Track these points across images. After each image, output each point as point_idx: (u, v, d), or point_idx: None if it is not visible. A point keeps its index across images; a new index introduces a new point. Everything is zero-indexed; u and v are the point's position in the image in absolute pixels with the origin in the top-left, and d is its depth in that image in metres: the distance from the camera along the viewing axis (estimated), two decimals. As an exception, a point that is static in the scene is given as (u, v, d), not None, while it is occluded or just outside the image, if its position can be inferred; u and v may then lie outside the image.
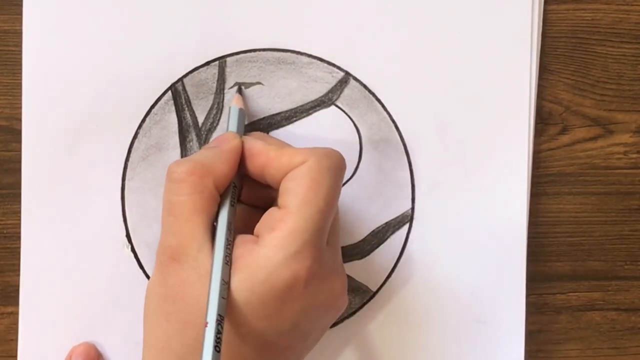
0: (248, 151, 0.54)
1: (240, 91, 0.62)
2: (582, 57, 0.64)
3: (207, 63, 0.62)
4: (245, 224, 0.55)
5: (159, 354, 0.52)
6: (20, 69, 0.61)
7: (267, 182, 0.54)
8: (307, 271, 0.50)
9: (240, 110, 0.59)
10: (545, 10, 0.64)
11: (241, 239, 0.52)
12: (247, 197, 0.57)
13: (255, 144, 0.54)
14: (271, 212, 0.52)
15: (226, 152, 0.54)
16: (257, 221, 0.53)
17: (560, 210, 0.65)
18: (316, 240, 0.50)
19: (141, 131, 0.62)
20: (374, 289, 0.63)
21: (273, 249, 0.49)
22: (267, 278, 0.49)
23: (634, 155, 0.65)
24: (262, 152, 0.54)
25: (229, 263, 0.50)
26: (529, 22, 0.63)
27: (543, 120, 0.64)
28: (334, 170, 0.52)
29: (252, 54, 0.62)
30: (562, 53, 0.64)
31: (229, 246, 0.50)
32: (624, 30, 0.64)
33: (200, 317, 0.49)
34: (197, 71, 0.62)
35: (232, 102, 0.60)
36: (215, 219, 0.53)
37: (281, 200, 0.52)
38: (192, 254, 0.50)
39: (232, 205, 0.53)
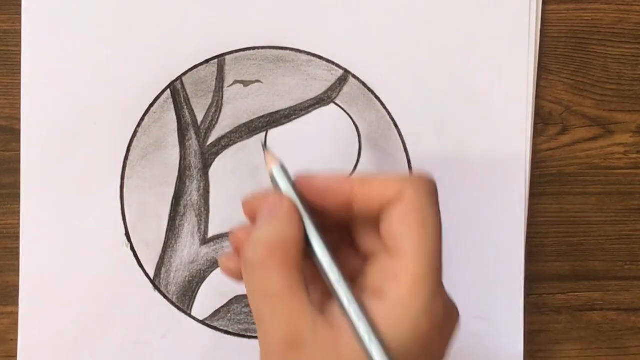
0: (324, 191, 0.49)
1: (265, 146, 0.61)
2: (582, 57, 0.64)
3: (206, 61, 0.62)
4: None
5: None
6: (20, 69, 0.61)
7: (354, 216, 0.49)
8: (443, 313, 0.47)
9: (281, 167, 0.51)
10: (545, 10, 0.64)
11: (362, 297, 0.47)
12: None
13: (331, 181, 0.49)
14: (383, 262, 0.48)
15: (286, 216, 0.48)
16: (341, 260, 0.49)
17: (560, 210, 0.65)
18: (439, 277, 0.47)
19: (140, 130, 0.62)
20: (374, 288, 0.63)
21: (405, 301, 0.46)
22: (409, 333, 0.46)
23: (634, 155, 0.65)
24: (343, 187, 0.48)
25: (374, 330, 0.45)
26: (526, 21, 0.63)
27: (543, 120, 0.64)
28: (433, 196, 0.49)
29: (251, 51, 0.62)
30: (562, 53, 0.64)
31: (362, 311, 0.46)
32: (624, 30, 0.65)
33: None
34: (196, 69, 0.62)
35: (268, 164, 0.52)
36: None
37: (389, 243, 0.47)
38: (309, 334, 0.45)
39: (341, 275, 0.47)
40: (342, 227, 0.50)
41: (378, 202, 0.47)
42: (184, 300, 0.62)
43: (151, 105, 0.62)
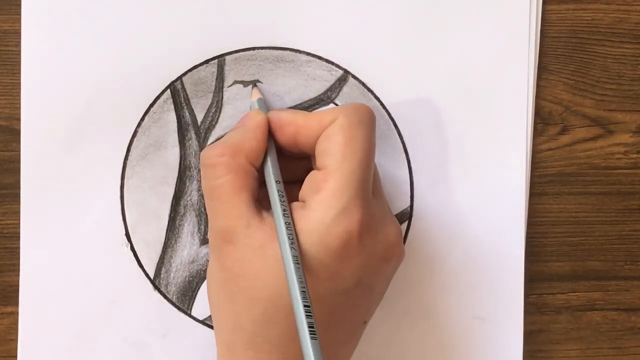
0: (277, 124, 0.55)
1: (254, 85, 0.62)
2: (582, 57, 0.64)
3: (206, 61, 0.62)
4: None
5: (231, 334, 0.52)
6: (20, 69, 0.61)
7: (302, 149, 0.54)
8: (359, 224, 0.50)
9: (261, 99, 0.60)
10: (545, 10, 0.64)
11: (290, 207, 0.52)
12: (283, 174, 0.56)
13: (281, 115, 0.55)
14: (312, 176, 0.52)
15: (252, 128, 0.54)
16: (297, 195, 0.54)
17: (560, 210, 0.65)
18: (361, 193, 0.51)
19: (140, 130, 0.62)
20: (373, 288, 0.63)
21: (321, 209, 0.50)
22: (321, 239, 0.50)
23: (634, 155, 0.65)
24: (290, 122, 0.54)
25: (291, 232, 0.50)
26: (526, 21, 0.63)
27: (543, 120, 0.64)
28: (365, 122, 0.52)
29: (251, 52, 0.62)
30: (562, 53, 0.64)
31: (286, 214, 0.51)
32: (624, 30, 0.64)
33: (263, 291, 0.50)
34: (196, 69, 0.62)
35: (251, 97, 0.61)
36: (258, 194, 0.53)
37: (319, 162, 0.52)
38: (241, 232, 0.51)
39: (277, 182, 0.53)
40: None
41: (316, 131, 0.52)
42: (184, 300, 0.62)
43: (151, 105, 0.62)
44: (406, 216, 0.62)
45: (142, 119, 0.62)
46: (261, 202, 0.53)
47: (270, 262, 0.50)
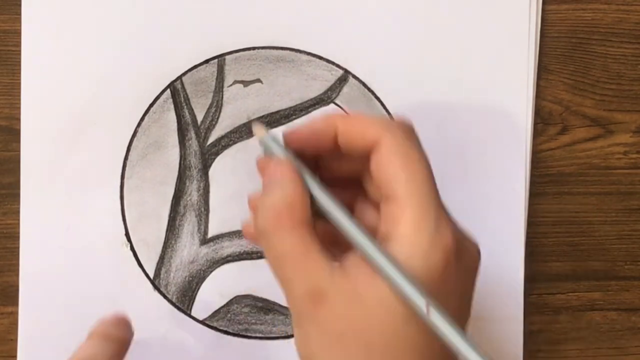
0: (312, 134, 0.50)
1: (253, 121, 0.61)
2: (582, 57, 0.64)
3: (206, 61, 0.62)
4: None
5: None
6: (20, 69, 0.61)
7: (348, 151, 0.50)
8: (452, 242, 0.47)
9: (268, 137, 0.50)
10: (545, 10, 0.64)
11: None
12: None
13: (315, 124, 0.50)
14: (384, 208, 0.48)
15: (287, 179, 0.48)
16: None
17: (560, 210, 0.65)
18: (442, 211, 0.48)
19: (140, 130, 0.62)
20: (373, 288, 0.62)
21: (412, 240, 0.46)
22: (422, 270, 0.46)
23: (634, 155, 0.65)
24: (328, 125, 0.49)
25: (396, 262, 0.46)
26: (526, 21, 0.63)
27: (543, 120, 0.64)
28: (413, 139, 0.49)
29: (252, 51, 0.62)
30: (562, 53, 0.64)
31: (383, 251, 0.46)
32: (624, 30, 0.65)
33: (380, 336, 0.46)
34: (196, 69, 0.62)
35: (257, 133, 0.51)
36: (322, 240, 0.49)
37: (384, 192, 0.48)
38: (329, 286, 0.46)
39: (344, 210, 0.48)
40: (354, 183, 0.51)
41: (360, 143, 0.48)
42: (183, 300, 0.62)
43: (151, 105, 0.62)
44: (406, 216, 0.62)
45: (142, 118, 0.62)
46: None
47: (373, 303, 0.46)
